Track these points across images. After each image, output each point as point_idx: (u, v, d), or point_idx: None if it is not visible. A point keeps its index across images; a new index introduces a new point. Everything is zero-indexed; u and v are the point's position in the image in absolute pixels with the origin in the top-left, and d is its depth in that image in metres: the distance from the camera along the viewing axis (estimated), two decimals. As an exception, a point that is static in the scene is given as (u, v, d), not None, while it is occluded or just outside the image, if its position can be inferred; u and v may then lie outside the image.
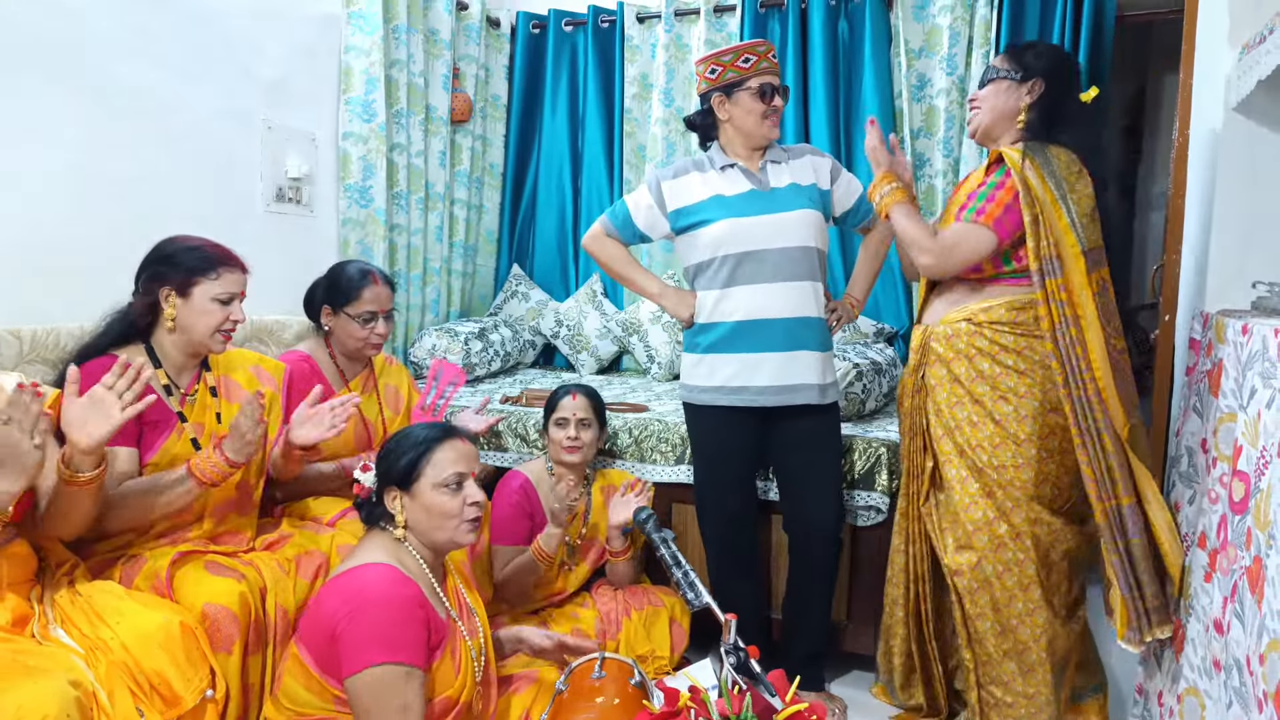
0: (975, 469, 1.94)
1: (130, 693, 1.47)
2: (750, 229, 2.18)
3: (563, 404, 2.39)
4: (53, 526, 1.63)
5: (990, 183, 1.89)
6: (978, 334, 1.92)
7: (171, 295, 1.85)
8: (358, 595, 1.52)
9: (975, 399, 1.93)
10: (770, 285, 2.17)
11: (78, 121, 2.27)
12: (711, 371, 2.24)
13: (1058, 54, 1.99)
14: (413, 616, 1.53)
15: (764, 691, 1.36)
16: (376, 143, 3.23)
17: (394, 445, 1.71)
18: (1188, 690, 1.70)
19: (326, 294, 2.32)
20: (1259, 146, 1.86)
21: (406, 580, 1.58)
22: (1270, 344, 1.44)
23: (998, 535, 1.92)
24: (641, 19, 3.79)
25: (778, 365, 2.18)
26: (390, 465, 1.68)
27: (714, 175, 2.25)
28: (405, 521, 1.66)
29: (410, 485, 1.66)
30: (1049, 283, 1.81)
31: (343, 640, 1.49)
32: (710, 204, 2.22)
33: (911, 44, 3.35)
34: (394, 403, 2.48)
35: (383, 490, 1.68)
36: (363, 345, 2.32)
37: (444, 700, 1.60)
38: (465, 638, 1.70)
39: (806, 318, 2.20)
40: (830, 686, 2.47)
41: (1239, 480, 1.53)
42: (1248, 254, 1.88)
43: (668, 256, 3.79)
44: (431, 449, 1.67)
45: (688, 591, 1.72)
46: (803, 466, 2.28)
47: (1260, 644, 1.35)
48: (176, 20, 2.53)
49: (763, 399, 2.20)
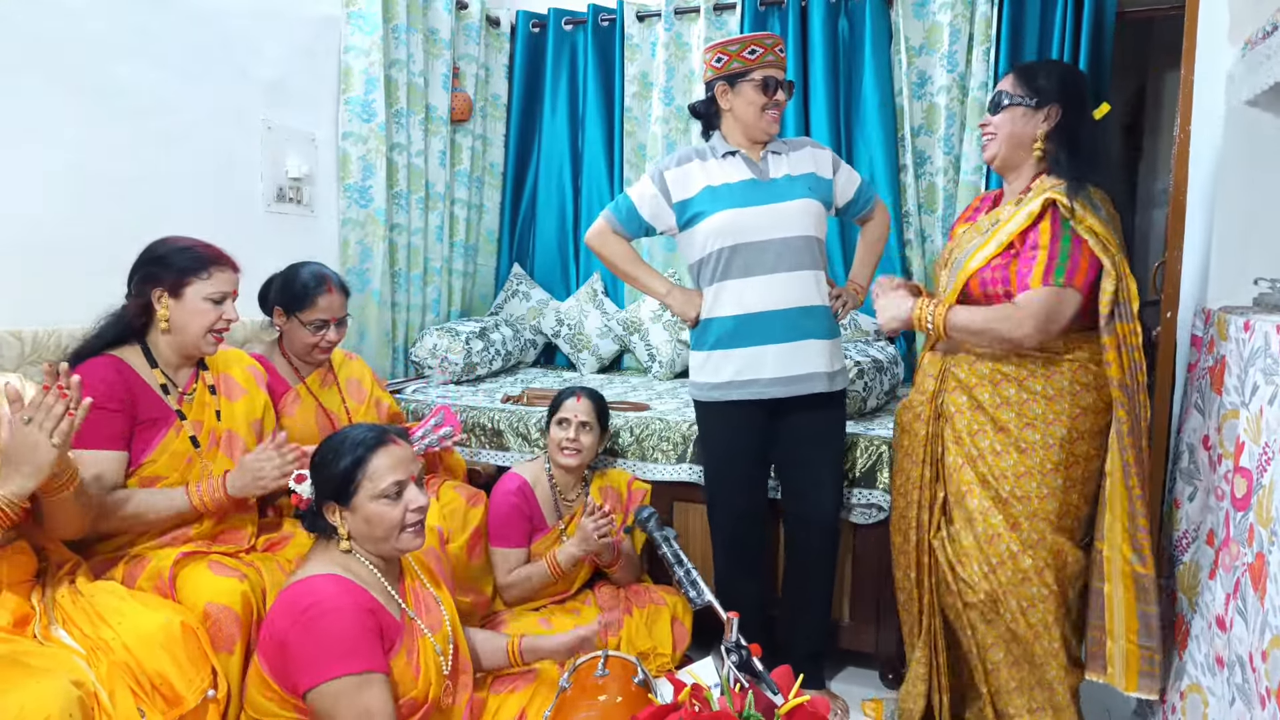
0: (999, 500, 1.87)
1: (132, 693, 1.47)
2: (750, 219, 2.17)
3: (566, 405, 2.39)
4: (51, 527, 1.64)
5: (1064, 237, 1.77)
6: (1005, 360, 1.86)
7: (164, 296, 1.85)
8: (307, 609, 1.50)
9: (1000, 426, 1.86)
10: (773, 276, 2.17)
11: (78, 122, 2.27)
12: (718, 369, 2.23)
13: (1069, 74, 1.92)
14: (360, 624, 1.51)
15: (766, 689, 1.36)
16: (376, 143, 3.23)
17: (327, 455, 1.63)
18: (1191, 687, 1.70)
19: (280, 296, 2.30)
20: (1260, 143, 1.85)
21: (353, 588, 1.56)
22: (1272, 340, 1.44)
23: (1022, 569, 1.85)
24: (641, 17, 3.79)
25: (784, 356, 2.18)
26: (325, 478, 1.62)
27: (714, 163, 2.24)
28: (348, 533, 1.62)
29: (348, 499, 1.59)
30: (1120, 326, 1.72)
31: (293, 654, 1.48)
32: (706, 196, 2.21)
33: (912, 41, 3.35)
34: (356, 393, 2.45)
35: (320, 504, 1.63)
36: (311, 350, 2.29)
37: (408, 702, 1.59)
38: (426, 634, 1.68)
39: (810, 306, 2.20)
40: (831, 685, 2.47)
41: (1241, 477, 1.53)
42: (1249, 250, 1.88)
43: (669, 255, 3.79)
44: (365, 459, 1.59)
45: (690, 590, 1.72)
46: (806, 460, 2.28)
47: (1263, 640, 1.34)
48: (176, 20, 2.53)
49: (771, 390, 2.19)
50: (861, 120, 3.46)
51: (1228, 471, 1.61)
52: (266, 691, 1.55)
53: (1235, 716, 1.46)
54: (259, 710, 1.57)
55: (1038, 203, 1.80)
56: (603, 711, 1.66)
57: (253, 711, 1.58)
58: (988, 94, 3.24)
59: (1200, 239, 2.02)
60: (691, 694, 1.32)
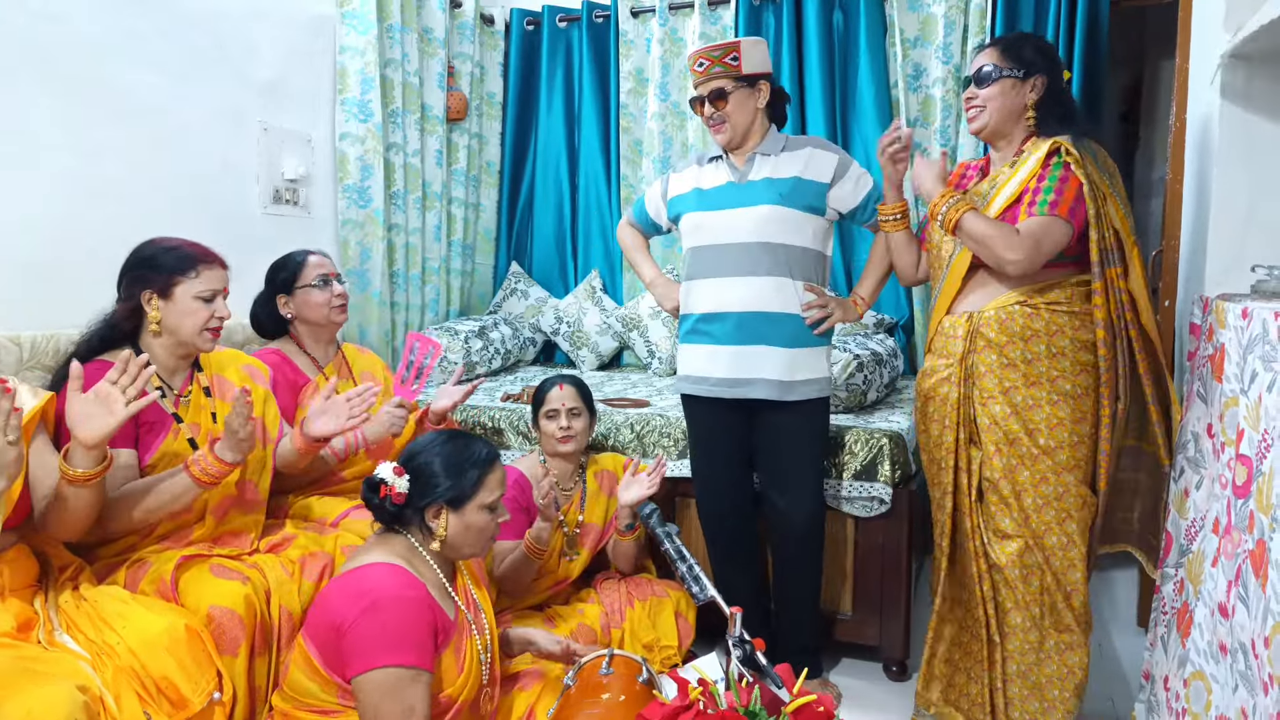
0: (1030, 454, 1.94)
1: (137, 697, 1.47)
2: (712, 222, 2.24)
3: (550, 396, 2.40)
4: (54, 528, 1.63)
5: (1053, 175, 1.86)
6: (1035, 315, 1.92)
7: (154, 298, 1.84)
8: (366, 595, 1.52)
9: (1031, 381, 1.93)
10: (729, 279, 2.21)
11: (72, 127, 2.26)
12: (686, 362, 2.33)
13: (1045, 44, 2.01)
14: (420, 618, 1.54)
15: (770, 684, 1.36)
16: (374, 143, 3.23)
17: (450, 461, 1.68)
18: (1194, 674, 1.70)
19: (274, 286, 2.36)
20: (1255, 130, 1.86)
21: (414, 581, 1.58)
22: (1270, 327, 1.44)
23: (1046, 521, 1.94)
24: (636, 13, 3.79)
25: (731, 358, 2.22)
26: (444, 480, 1.66)
27: (708, 167, 2.33)
28: (445, 537, 1.66)
29: (462, 505, 1.66)
30: (1109, 271, 1.84)
31: (349, 639, 1.50)
32: (691, 197, 2.31)
33: (907, 34, 3.35)
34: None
35: (423, 503, 1.66)
36: (327, 310, 2.34)
37: (445, 699, 1.60)
38: (474, 635, 1.70)
39: (767, 312, 2.19)
40: (832, 676, 2.47)
41: (1241, 464, 1.53)
42: (1246, 238, 1.88)
43: (666, 252, 3.79)
44: (488, 471, 1.69)
45: (692, 585, 1.72)
46: (781, 463, 2.28)
47: (1265, 627, 1.35)
48: (169, 23, 2.52)
49: (719, 390, 2.25)
50: (857, 113, 3.46)
51: (1230, 459, 1.61)
52: (310, 673, 1.56)
53: (1238, 703, 1.46)
54: (299, 691, 1.58)
55: (1044, 149, 1.89)
56: (607, 709, 1.67)
57: (291, 692, 1.59)
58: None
59: (1197, 227, 2.02)
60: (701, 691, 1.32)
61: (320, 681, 1.56)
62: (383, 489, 1.66)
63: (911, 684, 2.44)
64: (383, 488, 1.66)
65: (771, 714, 1.31)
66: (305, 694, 1.58)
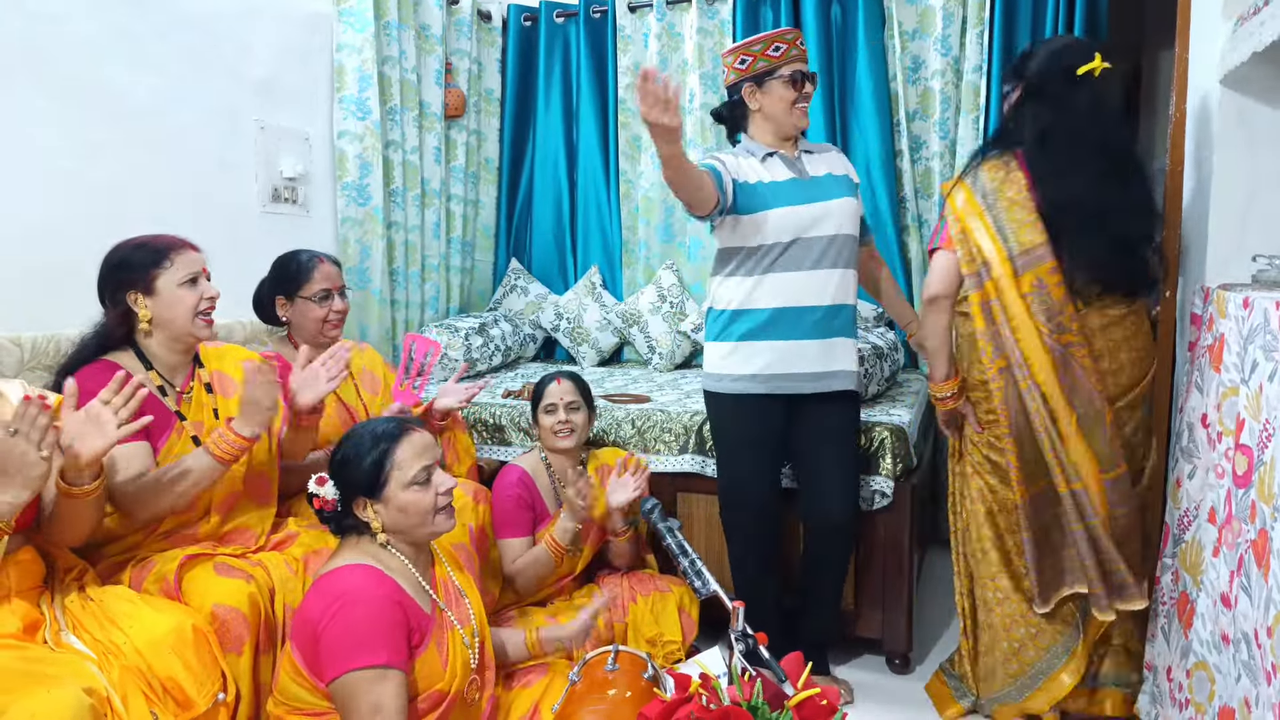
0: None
1: (144, 697, 1.47)
2: (803, 216, 2.17)
3: (549, 391, 2.40)
4: (55, 535, 1.64)
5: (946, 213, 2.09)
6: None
7: (139, 297, 1.84)
8: (337, 598, 1.52)
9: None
10: (814, 272, 2.18)
11: (69, 128, 2.26)
12: (747, 359, 2.21)
13: (1045, 54, 2.05)
14: (389, 617, 1.53)
15: (774, 677, 1.36)
16: (372, 140, 3.22)
17: (350, 452, 1.64)
18: (1197, 665, 1.70)
19: (277, 285, 2.30)
20: (1255, 120, 1.85)
21: (383, 579, 1.57)
22: (1271, 317, 1.44)
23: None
24: (633, 8, 3.78)
25: (818, 352, 2.20)
26: (351, 474, 1.63)
27: (760, 163, 2.23)
28: (382, 526, 1.63)
29: (379, 492, 1.62)
30: (986, 285, 2.01)
31: (323, 644, 1.50)
32: (769, 189, 2.19)
33: (905, 26, 3.34)
34: (371, 385, 2.46)
35: (349, 501, 1.65)
36: (323, 326, 2.29)
37: (434, 694, 1.60)
38: (456, 626, 1.69)
39: (844, 305, 2.23)
40: (838, 671, 2.48)
41: (1242, 454, 1.53)
42: (1247, 227, 1.88)
43: (665, 248, 3.78)
44: (391, 450, 1.62)
45: (694, 580, 1.72)
46: (826, 457, 2.27)
47: (1267, 616, 1.35)
48: (165, 22, 2.52)
49: (804, 385, 2.20)
50: (856, 107, 3.45)
51: (1228, 449, 1.61)
52: (298, 679, 1.56)
53: (1241, 692, 1.46)
54: (289, 697, 1.58)
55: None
56: (612, 705, 1.67)
57: (282, 698, 1.59)
58: (982, 77, 3.23)
59: (1197, 216, 2.02)
60: (701, 685, 1.32)
61: (307, 686, 1.56)
62: (316, 501, 1.66)
63: (915, 677, 2.45)
64: (315, 500, 1.66)
65: (774, 708, 1.31)
66: (295, 699, 1.58)
